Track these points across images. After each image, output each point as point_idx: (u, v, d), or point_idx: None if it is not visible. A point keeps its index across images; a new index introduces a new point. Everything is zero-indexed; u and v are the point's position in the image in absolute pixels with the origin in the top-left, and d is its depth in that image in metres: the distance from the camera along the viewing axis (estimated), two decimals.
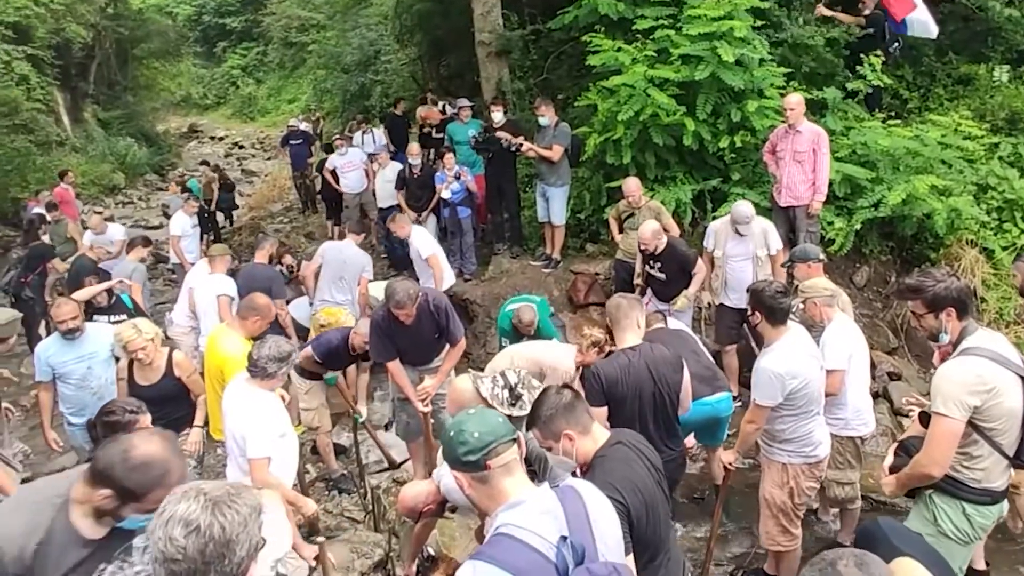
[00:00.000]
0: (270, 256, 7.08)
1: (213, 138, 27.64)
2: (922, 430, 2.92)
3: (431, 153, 10.29)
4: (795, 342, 3.60)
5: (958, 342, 2.84)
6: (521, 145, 7.55)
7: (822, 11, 7.93)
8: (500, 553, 1.75)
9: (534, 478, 1.99)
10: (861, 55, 7.35)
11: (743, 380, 5.79)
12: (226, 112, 32.40)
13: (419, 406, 4.79)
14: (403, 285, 4.51)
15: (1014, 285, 5.59)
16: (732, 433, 5.25)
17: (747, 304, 3.76)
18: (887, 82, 7.45)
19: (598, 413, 3.32)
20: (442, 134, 9.77)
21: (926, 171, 6.73)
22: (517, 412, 3.40)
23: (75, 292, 6.20)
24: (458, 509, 3.37)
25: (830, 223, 6.67)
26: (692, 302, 6.06)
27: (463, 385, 3.37)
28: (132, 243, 7.93)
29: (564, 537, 1.76)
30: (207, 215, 11.87)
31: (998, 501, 2.90)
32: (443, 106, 11.13)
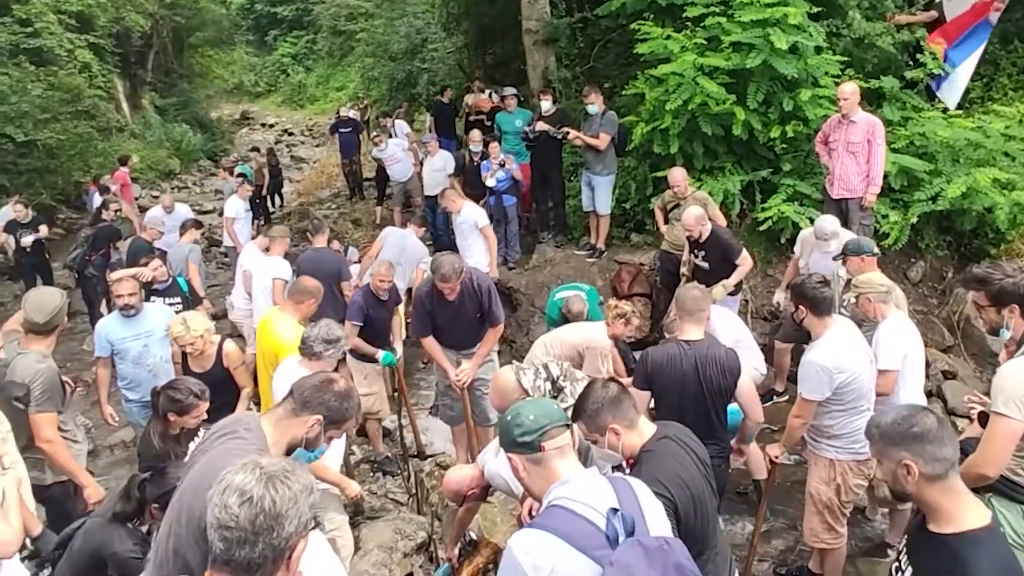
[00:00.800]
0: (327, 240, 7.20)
1: (264, 125, 28.15)
2: (980, 431, 2.83)
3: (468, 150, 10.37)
4: (842, 335, 3.53)
5: (1023, 340, 2.75)
6: (568, 133, 7.52)
7: (899, 19, 7.51)
8: (550, 521, 1.79)
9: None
10: (922, 43, 7.10)
11: (791, 376, 5.69)
12: (276, 100, 32.98)
13: (455, 385, 4.81)
14: (449, 259, 4.55)
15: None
16: (778, 428, 5.20)
17: (791, 300, 3.70)
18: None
19: (640, 396, 3.35)
20: (490, 122, 9.80)
21: (988, 163, 6.50)
22: (559, 404, 3.42)
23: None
24: (500, 494, 3.42)
25: (885, 216, 6.49)
26: (728, 292, 5.76)
27: (506, 376, 3.40)
28: (184, 226, 8.19)
29: (615, 509, 1.79)
30: (258, 200, 12.18)
31: None
32: (489, 94, 11.14)
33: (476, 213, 7.20)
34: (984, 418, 2.82)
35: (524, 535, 1.80)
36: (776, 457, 3.85)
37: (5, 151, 13.75)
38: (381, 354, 5.30)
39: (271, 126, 27.77)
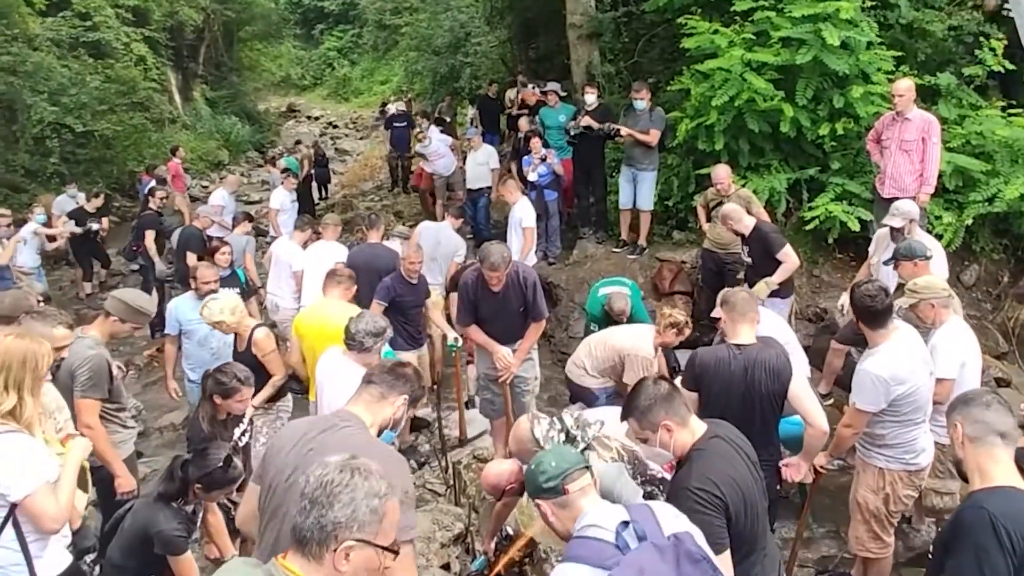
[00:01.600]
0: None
1: (309, 118, 28.58)
2: None
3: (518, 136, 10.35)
4: (903, 345, 3.38)
5: None
6: (619, 130, 7.45)
7: (991, 4, 7.20)
8: (571, 551, 1.97)
9: None
10: (980, 38, 6.85)
11: (839, 380, 5.54)
12: (322, 93, 33.45)
13: (501, 365, 4.76)
14: (498, 247, 4.53)
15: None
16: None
17: (849, 304, 3.60)
18: (1009, 67, 6.92)
19: (688, 397, 3.28)
20: (534, 117, 9.79)
21: None
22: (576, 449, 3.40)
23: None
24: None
25: (938, 217, 6.30)
26: (771, 289, 5.54)
27: (523, 425, 3.39)
28: (235, 219, 8.41)
29: (625, 523, 1.92)
30: (304, 191, 12.42)
31: None
32: (532, 88, 11.13)
33: (525, 211, 7.19)
34: None
35: (555, 572, 1.97)
36: (822, 467, 3.74)
37: (65, 141, 14.27)
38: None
39: (316, 119, 28.18)
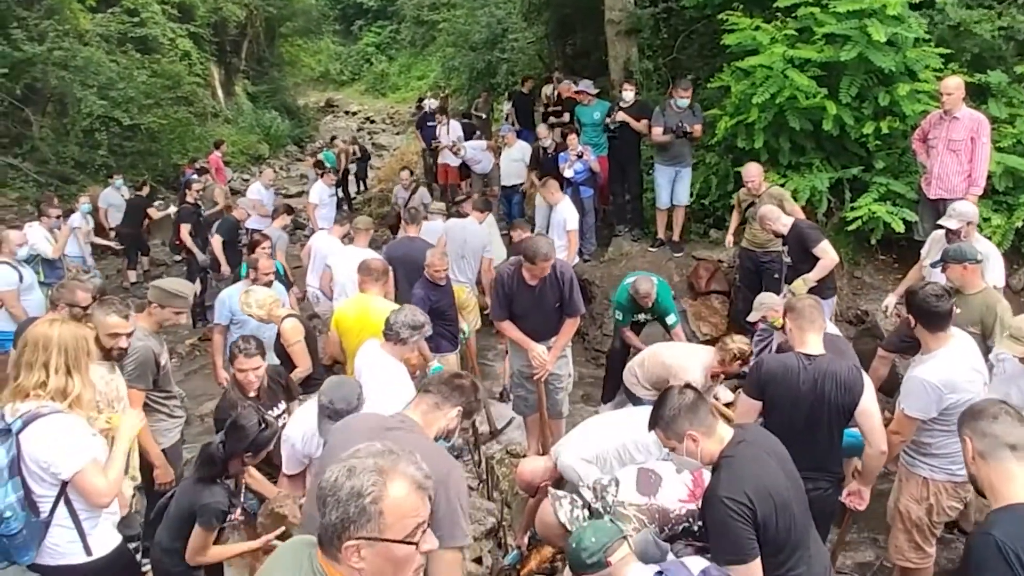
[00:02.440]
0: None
1: (347, 113, 28.92)
2: None
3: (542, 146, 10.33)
4: (958, 353, 3.25)
5: None
6: (691, 130, 7.24)
7: None
8: None
9: None
10: None
11: (883, 387, 5.39)
12: (360, 88, 33.78)
13: (536, 362, 4.75)
14: (545, 240, 4.56)
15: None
16: None
17: (905, 308, 3.46)
18: None
19: (750, 406, 3.21)
20: (569, 113, 9.76)
21: None
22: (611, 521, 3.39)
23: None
24: (570, 486, 3.44)
25: (987, 219, 6.12)
26: (808, 287, 5.34)
27: (547, 508, 3.35)
28: (275, 211, 8.56)
29: (660, 573, 2.19)
30: (341, 184, 12.64)
31: None
32: (568, 83, 11.09)
33: (569, 212, 7.19)
34: None
35: None
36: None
37: (112, 134, 14.69)
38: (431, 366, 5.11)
39: (354, 114, 28.51)
